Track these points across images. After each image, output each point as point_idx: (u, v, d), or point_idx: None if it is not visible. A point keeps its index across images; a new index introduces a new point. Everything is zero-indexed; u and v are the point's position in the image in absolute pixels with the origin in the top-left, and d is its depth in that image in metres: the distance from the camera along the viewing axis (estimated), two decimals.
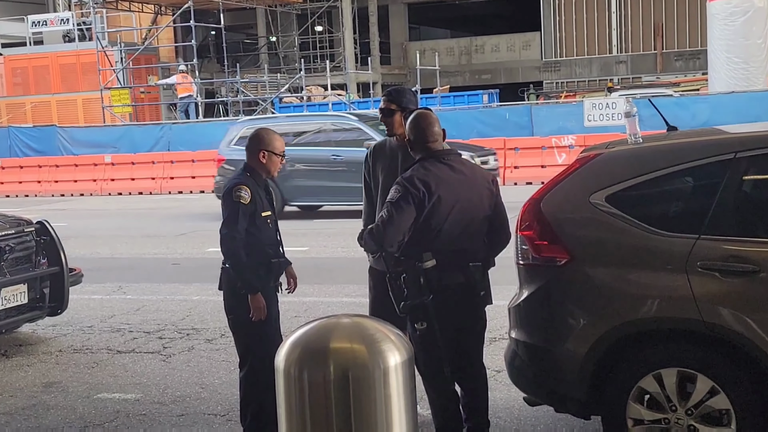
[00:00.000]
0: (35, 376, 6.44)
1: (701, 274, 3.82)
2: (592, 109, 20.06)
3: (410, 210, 4.15)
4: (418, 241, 4.18)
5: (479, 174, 4.39)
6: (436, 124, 4.33)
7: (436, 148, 4.30)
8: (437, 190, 4.17)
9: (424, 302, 4.12)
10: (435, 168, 4.23)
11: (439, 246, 4.17)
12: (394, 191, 4.21)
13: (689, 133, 4.92)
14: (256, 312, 4.58)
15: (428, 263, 4.13)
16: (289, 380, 2.34)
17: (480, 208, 4.30)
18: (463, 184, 4.25)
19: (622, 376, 3.98)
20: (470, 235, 4.26)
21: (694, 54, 34.01)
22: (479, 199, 4.29)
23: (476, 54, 39.31)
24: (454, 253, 4.19)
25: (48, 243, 7.18)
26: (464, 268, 4.23)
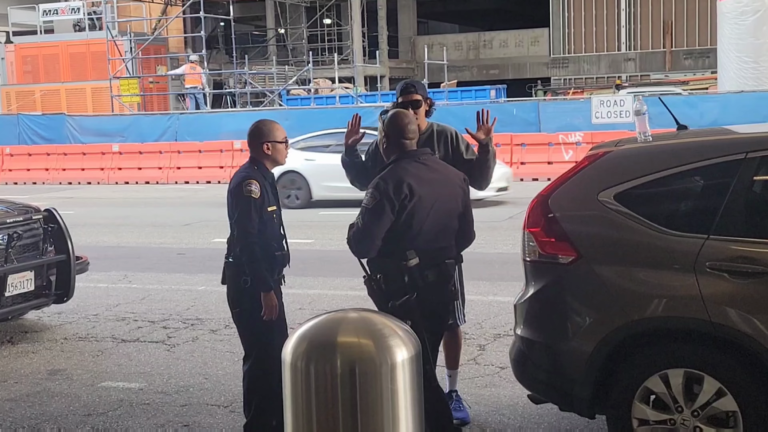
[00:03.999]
0: (40, 363, 6.46)
1: (709, 275, 3.80)
2: (600, 106, 20.01)
3: (386, 217, 4.15)
4: (401, 240, 4.18)
5: (452, 172, 4.42)
6: (413, 123, 4.36)
7: (412, 147, 4.32)
8: (418, 190, 4.18)
9: (409, 300, 4.13)
10: (412, 167, 4.25)
11: (420, 244, 4.19)
12: (370, 196, 4.19)
13: (699, 133, 4.90)
14: (269, 310, 4.57)
15: (412, 261, 4.16)
16: (296, 373, 2.34)
17: (455, 206, 4.34)
18: (440, 183, 4.29)
19: (627, 375, 3.97)
20: (447, 234, 4.31)
21: (704, 52, 33.87)
22: (454, 197, 4.34)
23: (484, 49, 39.21)
24: (433, 251, 4.23)
25: (55, 231, 7.19)
26: (440, 264, 4.27)
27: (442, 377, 5.29)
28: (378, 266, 4.26)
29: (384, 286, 4.20)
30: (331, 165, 14.04)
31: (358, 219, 4.23)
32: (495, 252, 10.39)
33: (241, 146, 19.96)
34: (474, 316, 7.04)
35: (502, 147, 18.71)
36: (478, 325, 6.98)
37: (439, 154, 4.83)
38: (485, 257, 9.85)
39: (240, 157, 19.54)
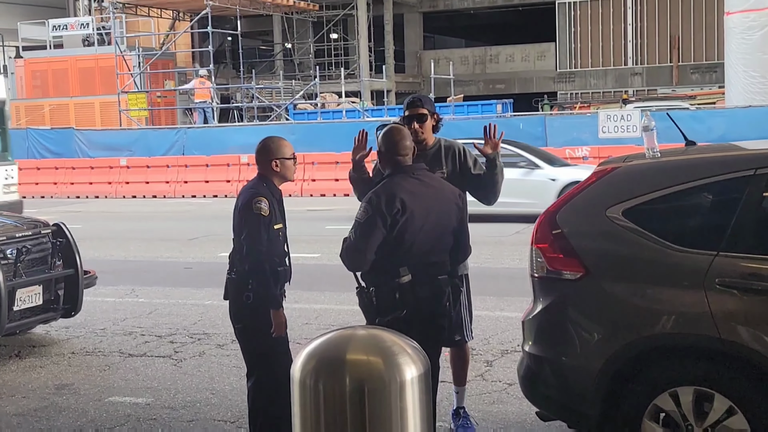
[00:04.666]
0: (47, 378, 6.46)
1: (719, 291, 3.79)
2: (607, 120, 20.00)
3: (377, 232, 4.15)
4: (392, 256, 4.18)
5: (447, 188, 4.40)
6: (407, 139, 4.35)
7: (406, 163, 4.31)
8: (410, 206, 4.17)
9: (399, 317, 4.11)
10: (406, 183, 4.24)
11: (412, 260, 4.18)
12: (363, 211, 4.21)
13: (708, 149, 4.89)
14: (278, 327, 4.56)
15: (404, 278, 4.15)
16: (305, 391, 2.33)
17: (449, 222, 4.32)
18: (433, 198, 4.27)
19: (637, 393, 3.95)
20: (440, 249, 4.28)
21: (711, 67, 33.86)
22: (448, 213, 4.32)
23: (490, 63, 39.28)
24: (425, 267, 4.21)
25: (64, 245, 7.21)
26: (433, 280, 4.24)
27: (449, 393, 5.28)
28: (371, 280, 4.26)
29: (375, 300, 4.20)
30: None
31: (350, 233, 4.24)
32: (502, 267, 10.38)
33: (248, 160, 20.00)
34: (481, 331, 7.02)
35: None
36: (485, 340, 6.96)
37: (447, 170, 4.83)
38: (492, 272, 9.84)
39: (247, 171, 19.59)
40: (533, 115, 25.31)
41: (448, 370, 5.23)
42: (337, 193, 19.36)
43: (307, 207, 16.98)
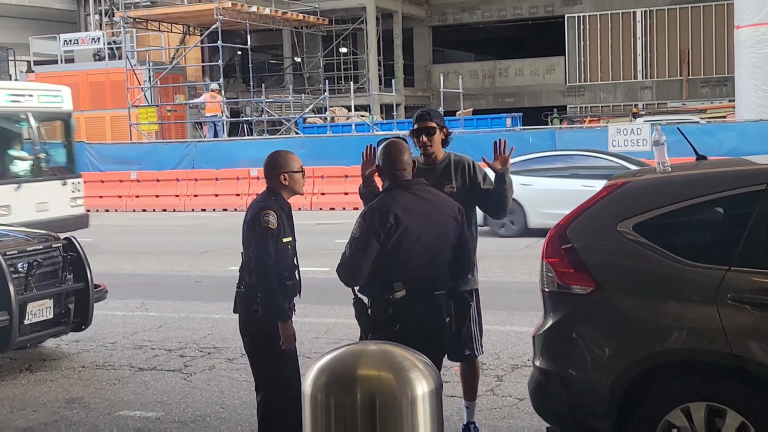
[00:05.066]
0: (58, 392, 6.47)
1: (731, 306, 3.77)
2: (617, 134, 19.97)
3: (371, 247, 4.15)
4: (386, 271, 4.18)
5: (446, 203, 4.37)
6: (406, 153, 4.33)
7: (405, 177, 4.30)
8: (404, 221, 4.16)
9: (393, 332, 4.10)
10: (402, 197, 4.24)
11: (407, 275, 4.16)
12: (357, 226, 4.22)
13: (719, 163, 4.88)
14: (287, 340, 4.56)
15: (398, 293, 4.14)
16: (316, 406, 2.33)
17: (446, 237, 4.28)
18: (429, 214, 4.24)
19: (648, 408, 3.93)
20: (437, 265, 4.24)
21: (721, 81, 33.82)
22: (445, 228, 4.28)
23: (500, 77, 39.33)
24: (421, 282, 4.18)
25: (74, 259, 7.24)
26: (430, 296, 4.21)
27: (459, 408, 5.26)
28: (367, 294, 4.27)
29: (371, 313, 4.21)
30: (550, 190, 13.70)
31: (346, 248, 4.24)
32: (512, 281, 10.35)
33: (257, 174, 20.04)
34: (491, 346, 7.00)
35: None
36: (496, 355, 6.94)
37: (456, 184, 4.83)
38: (502, 286, 9.82)
39: (256, 185, 19.63)
40: (543, 128, 25.30)
41: (459, 385, 5.22)
42: (347, 206, 19.36)
43: (317, 220, 17.00)
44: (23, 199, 13.51)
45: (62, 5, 35.55)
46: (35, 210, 13.67)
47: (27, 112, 14.32)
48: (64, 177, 14.65)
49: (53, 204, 14.04)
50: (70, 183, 14.66)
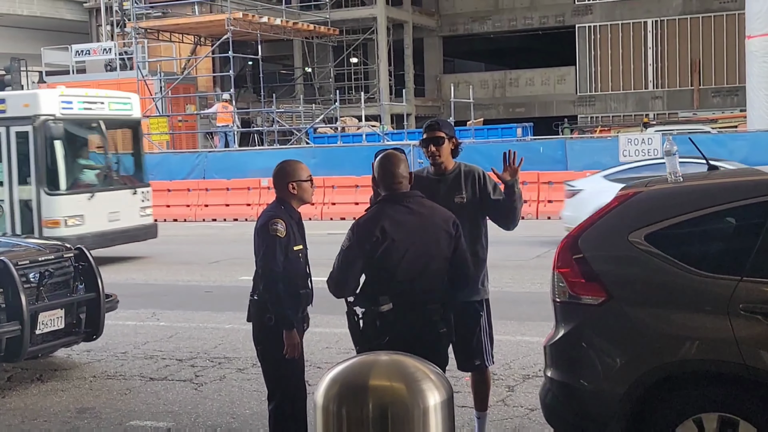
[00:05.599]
0: (69, 402, 6.48)
1: (743, 317, 3.75)
2: (628, 144, 19.92)
3: (358, 260, 4.17)
4: (374, 283, 4.19)
5: (439, 216, 4.31)
6: (401, 166, 4.31)
7: (399, 190, 4.28)
8: (391, 234, 4.15)
9: (381, 345, 4.09)
10: (392, 210, 4.23)
11: (396, 288, 4.15)
12: (346, 238, 4.24)
13: (730, 173, 4.87)
14: (290, 349, 4.58)
15: (384, 307, 4.13)
16: (328, 416, 2.33)
17: (437, 251, 4.22)
18: (419, 227, 4.21)
19: (660, 420, 3.91)
20: (428, 277, 4.20)
21: (732, 90, 33.75)
22: (436, 241, 4.23)
23: (510, 87, 39.36)
24: (411, 295, 4.16)
25: (86, 269, 7.26)
26: (422, 309, 4.17)
27: (470, 419, 5.25)
28: (359, 305, 4.27)
29: (361, 324, 4.21)
30: None
31: (335, 260, 4.27)
32: (523, 291, 10.33)
33: (268, 184, 20.07)
34: (502, 356, 6.98)
35: (528, 185, 18.68)
36: (507, 365, 6.92)
37: (466, 195, 4.83)
38: (513, 296, 9.80)
39: (267, 195, 19.66)
40: (553, 138, 25.29)
41: (470, 395, 5.21)
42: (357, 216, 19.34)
43: (328, 230, 16.99)
44: (96, 208, 13.34)
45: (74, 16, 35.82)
46: (107, 220, 13.53)
47: (99, 119, 14.17)
48: (134, 186, 14.47)
49: (124, 213, 13.88)
50: (140, 192, 14.48)
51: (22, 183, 13.07)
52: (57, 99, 13.37)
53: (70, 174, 13.50)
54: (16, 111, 13.19)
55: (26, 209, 13.02)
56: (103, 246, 13.51)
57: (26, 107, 13.14)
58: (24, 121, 13.01)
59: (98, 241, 13.20)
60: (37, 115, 12.95)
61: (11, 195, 13.11)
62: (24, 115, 13.05)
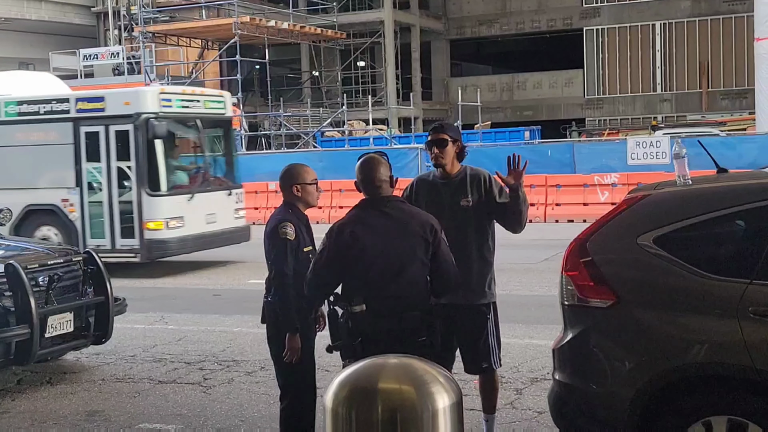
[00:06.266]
0: (78, 404, 6.50)
1: (753, 320, 3.74)
2: (636, 147, 19.91)
3: (330, 263, 4.20)
4: (349, 286, 4.20)
5: (415, 221, 4.26)
6: (379, 169, 4.29)
7: (378, 194, 4.28)
8: (362, 238, 4.16)
9: (353, 345, 4.12)
10: (367, 214, 4.24)
11: (371, 293, 4.14)
12: (322, 241, 4.28)
13: (739, 176, 4.85)
14: (291, 352, 4.64)
15: (356, 308, 4.13)
16: (337, 420, 2.33)
17: (411, 256, 4.18)
18: (392, 233, 4.19)
19: (669, 423, 3.90)
20: (403, 283, 4.16)
21: (741, 93, 33.66)
22: (410, 247, 4.19)
23: (518, 90, 39.36)
24: (387, 300, 4.14)
25: (95, 272, 7.28)
26: (399, 316, 4.14)
27: (479, 422, 5.25)
28: (338, 305, 4.30)
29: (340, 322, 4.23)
30: None
31: (311, 263, 4.32)
32: (530, 294, 10.32)
33: (275, 188, 20.02)
34: (510, 359, 6.98)
35: (536, 188, 18.68)
36: (515, 368, 6.91)
37: (472, 198, 4.83)
38: (521, 300, 9.79)
39: (275, 199, 19.68)
40: (561, 141, 25.27)
41: (478, 398, 5.21)
42: None
43: None
44: (195, 210, 13.07)
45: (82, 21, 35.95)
46: (205, 222, 13.27)
47: (196, 118, 13.79)
48: (228, 187, 14.19)
49: (220, 215, 13.63)
50: (234, 193, 14.20)
51: (122, 184, 12.76)
52: (158, 97, 12.98)
53: (171, 174, 13.12)
54: (116, 109, 12.84)
55: (126, 211, 12.66)
56: (201, 249, 13.35)
57: (127, 105, 12.76)
58: (124, 120, 12.64)
59: (197, 243, 13.07)
60: (139, 114, 12.57)
61: (110, 196, 12.77)
62: (124, 114, 12.69)
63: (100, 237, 12.83)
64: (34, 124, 13.29)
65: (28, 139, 13.26)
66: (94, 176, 12.97)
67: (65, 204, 13.01)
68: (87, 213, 12.93)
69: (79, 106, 13.06)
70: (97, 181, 12.95)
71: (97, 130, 12.84)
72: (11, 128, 13.36)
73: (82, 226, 12.91)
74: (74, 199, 12.96)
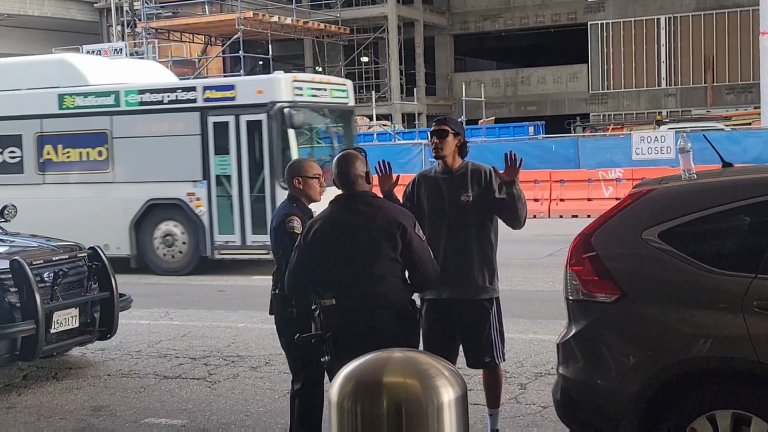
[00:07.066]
0: (84, 400, 6.52)
1: (757, 314, 3.74)
2: (641, 142, 19.88)
3: (300, 258, 4.26)
4: (322, 281, 4.22)
5: (384, 217, 4.23)
6: (355, 165, 4.31)
7: (353, 189, 4.29)
8: (327, 234, 4.20)
9: (323, 337, 4.14)
10: (336, 210, 4.29)
11: (340, 289, 4.17)
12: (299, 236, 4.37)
13: (745, 170, 4.85)
14: None
15: (326, 302, 4.16)
16: (342, 413, 2.35)
17: (377, 253, 4.17)
18: (359, 229, 4.20)
19: (674, 417, 3.90)
20: (370, 280, 4.15)
21: (746, 87, 33.58)
22: (375, 244, 4.17)
23: (522, 86, 39.30)
24: (357, 297, 4.15)
25: (99, 268, 7.30)
26: (370, 312, 4.13)
27: (482, 416, 5.26)
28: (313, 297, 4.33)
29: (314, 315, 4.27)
30: None
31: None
32: (535, 289, 10.32)
33: None
34: (514, 354, 6.98)
35: (541, 183, 18.67)
36: (519, 363, 6.92)
37: (472, 193, 4.84)
38: (525, 295, 9.79)
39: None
40: (566, 137, 25.25)
41: (482, 393, 5.22)
42: None
43: None
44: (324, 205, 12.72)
45: (85, 17, 35.95)
46: None
47: (324, 107, 13.26)
48: None
49: None
50: None
51: (254, 176, 12.21)
52: (291, 84, 12.44)
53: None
54: (247, 98, 12.23)
55: (258, 205, 12.09)
56: None
57: (260, 94, 12.18)
58: (257, 109, 12.07)
59: None
60: (274, 102, 12.01)
61: (240, 189, 12.22)
62: (257, 103, 12.11)
63: (229, 233, 12.31)
64: (157, 114, 12.63)
65: (150, 130, 12.63)
66: (222, 168, 12.30)
67: (191, 198, 12.42)
68: (215, 207, 12.38)
69: (207, 94, 12.44)
70: (226, 174, 12.29)
71: (226, 120, 12.23)
72: (132, 118, 12.74)
73: (209, 222, 12.35)
74: (201, 193, 12.35)
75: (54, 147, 13.13)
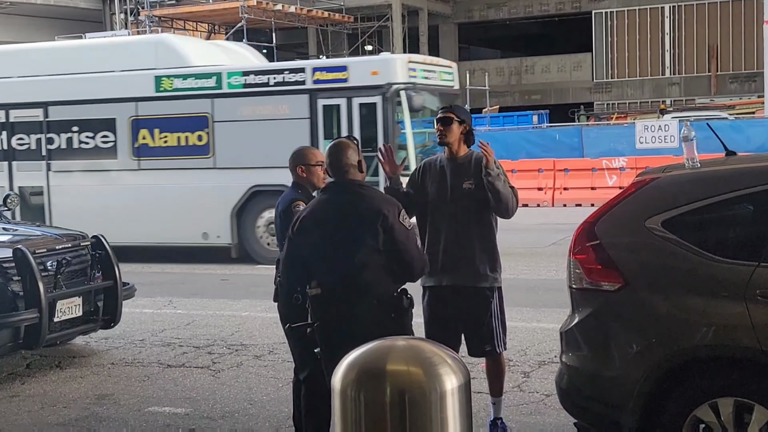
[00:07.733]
0: (88, 388, 6.54)
1: (760, 303, 3.74)
2: (645, 131, 19.86)
3: (288, 248, 4.29)
4: (311, 270, 4.22)
5: (365, 207, 4.17)
6: (347, 153, 4.28)
7: (345, 178, 4.27)
8: (311, 223, 4.20)
9: (312, 327, 4.15)
10: (322, 199, 4.32)
11: (325, 277, 4.16)
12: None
13: (748, 158, 4.85)
14: None
15: (312, 291, 4.17)
16: (346, 401, 2.35)
17: (358, 242, 4.13)
18: (344, 218, 4.17)
19: (676, 404, 3.91)
20: (353, 269, 4.11)
21: (750, 76, 33.47)
22: (357, 233, 4.14)
23: (526, 74, 39.18)
24: (342, 286, 4.12)
25: (103, 257, 7.32)
26: (351, 301, 4.10)
27: (486, 404, 5.27)
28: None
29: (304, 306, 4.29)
30: None
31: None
32: (538, 278, 10.33)
33: None
34: (518, 342, 7.00)
35: (544, 172, 18.65)
36: (522, 352, 6.93)
37: (475, 181, 4.84)
38: (528, 283, 9.80)
39: None
40: (570, 125, 25.22)
41: (485, 381, 5.23)
42: None
43: None
44: None
45: (88, 4, 35.88)
46: None
47: (436, 90, 12.71)
48: None
49: None
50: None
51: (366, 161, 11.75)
52: (407, 66, 11.95)
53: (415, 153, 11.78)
54: (361, 80, 11.73)
55: None
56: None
57: (375, 75, 11.67)
58: (371, 92, 11.56)
59: None
60: (390, 84, 11.55)
61: None
62: (372, 85, 11.61)
63: None
64: (262, 97, 12.15)
65: (255, 114, 12.19)
66: None
67: None
68: None
69: (317, 76, 11.99)
70: None
71: (337, 103, 11.82)
72: (234, 101, 12.27)
73: None
74: None
75: (150, 131, 12.63)
